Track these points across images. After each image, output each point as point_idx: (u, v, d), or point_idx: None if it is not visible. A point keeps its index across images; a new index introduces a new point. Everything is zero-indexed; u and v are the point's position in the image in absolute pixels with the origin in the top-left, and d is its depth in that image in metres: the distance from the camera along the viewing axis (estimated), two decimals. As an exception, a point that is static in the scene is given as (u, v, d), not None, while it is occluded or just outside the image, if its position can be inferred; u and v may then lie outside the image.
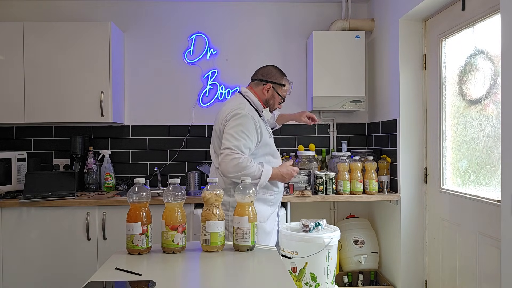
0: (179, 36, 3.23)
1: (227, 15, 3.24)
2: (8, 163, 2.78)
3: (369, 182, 2.77)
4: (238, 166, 1.89)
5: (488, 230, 2.00)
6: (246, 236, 1.46)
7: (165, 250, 1.44)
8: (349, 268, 2.92)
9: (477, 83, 2.16)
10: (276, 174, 2.03)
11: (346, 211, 3.26)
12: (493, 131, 2.00)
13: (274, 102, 2.16)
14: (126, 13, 3.20)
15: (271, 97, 2.14)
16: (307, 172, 2.73)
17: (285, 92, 2.19)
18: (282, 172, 2.05)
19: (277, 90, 2.15)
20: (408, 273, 2.68)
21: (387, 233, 2.91)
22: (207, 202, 1.47)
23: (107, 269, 1.27)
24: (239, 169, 1.89)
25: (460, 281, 2.27)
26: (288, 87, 2.20)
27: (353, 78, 2.99)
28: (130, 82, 3.22)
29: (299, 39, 3.28)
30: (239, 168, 1.89)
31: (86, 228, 2.58)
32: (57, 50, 2.83)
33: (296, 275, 2.24)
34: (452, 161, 2.41)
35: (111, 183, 2.98)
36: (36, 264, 2.58)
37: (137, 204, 1.42)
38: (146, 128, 3.22)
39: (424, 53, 2.65)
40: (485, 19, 2.06)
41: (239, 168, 1.89)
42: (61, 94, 2.84)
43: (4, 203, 2.53)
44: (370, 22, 3.12)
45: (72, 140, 2.97)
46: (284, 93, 2.19)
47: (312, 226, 2.19)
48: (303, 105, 3.28)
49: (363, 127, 3.34)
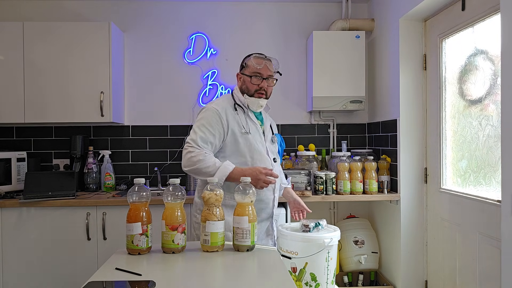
0: (179, 36, 3.22)
1: (227, 15, 3.24)
2: (8, 163, 2.78)
3: (369, 182, 2.77)
4: (190, 160, 1.78)
5: (488, 230, 2.00)
6: (246, 236, 1.46)
7: (165, 250, 1.44)
8: (349, 268, 2.92)
9: (477, 83, 2.15)
10: (238, 174, 1.74)
11: (346, 211, 3.26)
12: (493, 131, 2.00)
13: (247, 87, 1.93)
14: (126, 13, 3.20)
15: (243, 83, 1.95)
16: (307, 172, 2.73)
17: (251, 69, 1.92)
18: (246, 173, 1.74)
19: (244, 73, 1.95)
20: (408, 273, 2.68)
21: (387, 233, 2.91)
22: (207, 202, 1.47)
23: (107, 269, 1.27)
24: (191, 163, 1.78)
25: (460, 281, 2.27)
26: (251, 62, 1.92)
27: (353, 78, 2.99)
28: (130, 82, 3.21)
29: (299, 39, 3.28)
30: (191, 162, 1.78)
31: (86, 228, 2.58)
32: (57, 50, 2.83)
33: (296, 275, 2.24)
34: (452, 161, 2.41)
35: (111, 183, 2.98)
36: (36, 264, 2.58)
37: (137, 204, 1.42)
38: (146, 128, 3.22)
39: (424, 53, 2.65)
40: (485, 19, 2.06)
41: (191, 162, 1.78)
42: (61, 94, 2.84)
43: (4, 203, 2.53)
44: (370, 22, 3.12)
45: (72, 140, 2.97)
46: (251, 71, 1.91)
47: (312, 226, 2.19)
48: (303, 105, 3.28)
49: (363, 127, 3.33)
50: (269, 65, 1.94)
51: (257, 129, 1.95)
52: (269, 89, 1.96)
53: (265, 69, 1.92)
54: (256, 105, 1.94)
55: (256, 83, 1.92)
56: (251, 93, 1.93)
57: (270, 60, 1.96)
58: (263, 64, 1.91)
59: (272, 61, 1.96)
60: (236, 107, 1.94)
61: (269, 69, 1.93)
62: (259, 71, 1.91)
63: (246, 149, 1.88)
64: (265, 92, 1.94)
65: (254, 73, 1.91)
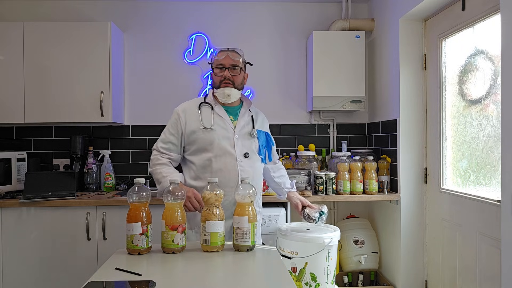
0: (179, 36, 3.23)
1: (227, 15, 3.24)
2: (8, 163, 2.78)
3: (369, 182, 2.77)
4: (151, 161, 1.94)
5: (488, 230, 2.00)
6: (246, 236, 1.46)
7: (165, 250, 1.44)
8: (349, 268, 2.92)
9: (477, 83, 2.15)
10: None
11: (346, 211, 3.26)
12: (493, 131, 2.00)
13: (213, 80, 1.96)
14: (126, 13, 3.20)
15: (211, 79, 1.99)
16: (307, 172, 2.73)
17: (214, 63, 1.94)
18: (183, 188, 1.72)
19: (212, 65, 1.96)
20: (408, 273, 2.68)
21: (387, 233, 2.91)
22: (207, 202, 1.47)
23: (107, 269, 1.27)
24: (151, 165, 1.93)
25: (460, 281, 2.26)
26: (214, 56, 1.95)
27: (353, 78, 2.99)
28: (130, 82, 3.22)
29: (299, 39, 3.28)
30: (151, 164, 1.94)
31: (86, 228, 2.58)
32: (57, 50, 2.83)
33: (296, 275, 2.24)
34: (452, 161, 2.41)
35: (111, 183, 2.98)
36: (36, 264, 2.58)
37: (137, 204, 1.42)
38: (146, 128, 3.22)
39: (424, 53, 2.65)
40: (485, 19, 2.06)
41: (151, 164, 1.94)
42: (61, 94, 2.84)
43: (4, 203, 2.53)
44: (370, 22, 3.12)
45: (72, 140, 2.97)
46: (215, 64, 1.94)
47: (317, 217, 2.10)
48: (303, 105, 3.28)
49: (363, 127, 3.33)
50: (232, 55, 1.92)
51: (224, 124, 1.92)
52: (235, 79, 1.92)
53: (226, 59, 1.91)
54: (222, 95, 1.92)
55: (219, 74, 1.92)
56: (217, 85, 1.93)
57: (235, 51, 1.95)
58: (225, 55, 1.92)
59: (237, 52, 1.95)
60: (201, 105, 1.95)
61: (231, 58, 1.91)
62: (221, 61, 1.91)
63: (208, 144, 1.87)
64: (232, 81, 1.91)
65: (217, 65, 1.92)
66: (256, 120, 2.04)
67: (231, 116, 1.97)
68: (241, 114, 1.99)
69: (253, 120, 2.02)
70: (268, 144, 2.09)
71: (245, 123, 1.98)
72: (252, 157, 1.95)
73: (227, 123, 1.93)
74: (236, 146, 1.90)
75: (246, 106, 2.03)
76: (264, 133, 2.07)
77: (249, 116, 2.02)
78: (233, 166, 1.87)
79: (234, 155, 1.88)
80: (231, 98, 1.93)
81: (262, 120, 2.10)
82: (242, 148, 1.92)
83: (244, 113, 2.00)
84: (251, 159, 1.94)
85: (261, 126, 2.07)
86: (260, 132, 2.03)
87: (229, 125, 1.93)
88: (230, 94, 1.91)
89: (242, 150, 1.91)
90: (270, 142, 2.12)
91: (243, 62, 1.97)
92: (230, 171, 1.86)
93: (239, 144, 1.91)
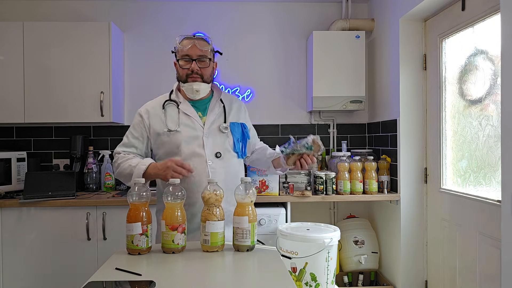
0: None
1: (227, 15, 3.24)
2: (8, 163, 2.78)
3: (369, 182, 2.77)
4: (114, 167, 1.77)
5: (488, 230, 2.00)
6: (246, 236, 1.46)
7: (165, 250, 1.44)
8: (349, 268, 2.92)
9: (477, 83, 2.15)
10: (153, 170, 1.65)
11: (346, 211, 3.26)
12: (493, 131, 2.00)
13: (178, 73, 1.77)
14: (126, 13, 3.20)
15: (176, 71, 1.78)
16: (307, 172, 2.73)
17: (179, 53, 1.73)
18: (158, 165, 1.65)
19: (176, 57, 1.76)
20: (408, 273, 2.68)
21: (387, 233, 2.91)
22: (207, 202, 1.47)
23: (107, 269, 1.27)
24: (115, 171, 1.76)
25: (460, 281, 2.26)
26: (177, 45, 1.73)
27: (353, 78, 2.99)
28: (130, 82, 3.22)
29: (299, 39, 3.28)
30: (115, 170, 1.76)
31: (86, 228, 2.58)
32: (57, 50, 2.84)
33: (296, 275, 2.24)
34: (452, 161, 2.41)
35: (111, 183, 2.98)
36: (36, 264, 2.58)
37: (137, 204, 1.42)
38: (146, 128, 3.21)
39: (424, 53, 2.65)
40: (485, 19, 2.06)
41: (115, 170, 1.76)
42: (61, 94, 2.84)
43: (4, 203, 2.53)
44: (370, 22, 3.12)
45: (72, 140, 2.97)
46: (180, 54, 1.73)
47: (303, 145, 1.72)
48: (303, 105, 3.28)
49: (363, 127, 3.33)
50: (199, 44, 1.70)
51: (192, 123, 1.75)
52: (204, 71, 1.72)
53: (193, 48, 1.70)
54: (190, 91, 1.73)
55: (185, 66, 1.71)
56: (184, 78, 1.73)
57: (202, 39, 1.73)
58: (191, 44, 1.69)
59: (206, 39, 1.74)
60: (166, 104, 1.77)
61: (199, 48, 1.70)
62: (187, 52, 1.70)
63: (175, 148, 1.72)
64: (200, 75, 1.72)
65: (182, 56, 1.71)
66: (230, 111, 1.84)
67: (199, 112, 1.78)
68: (211, 108, 1.79)
69: (225, 112, 1.81)
70: (244, 137, 1.85)
71: (215, 117, 1.78)
72: (226, 155, 1.76)
73: (195, 121, 1.75)
74: (206, 146, 1.72)
75: (216, 97, 1.83)
76: (239, 125, 1.84)
77: (221, 108, 1.81)
78: (203, 168, 1.70)
79: (204, 156, 1.72)
80: (200, 93, 1.75)
81: (237, 109, 1.88)
82: (213, 147, 1.74)
83: (214, 106, 1.80)
84: (224, 158, 1.75)
85: (237, 116, 1.86)
86: (234, 125, 1.81)
87: (198, 123, 1.75)
88: (199, 89, 1.73)
89: (213, 150, 1.73)
90: (246, 136, 1.86)
91: (211, 51, 1.75)
92: (200, 174, 1.69)
93: (210, 143, 1.74)
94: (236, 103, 1.89)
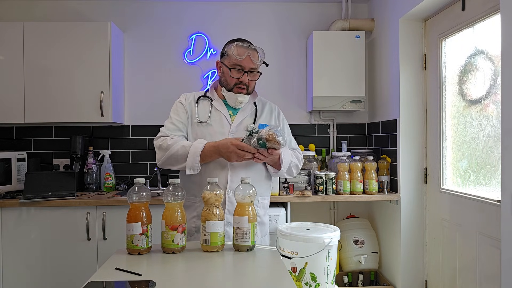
0: (179, 36, 3.23)
1: (227, 15, 3.24)
2: (8, 163, 2.78)
3: (369, 182, 2.77)
4: (159, 149, 1.70)
5: (488, 230, 2.00)
6: (246, 236, 1.46)
7: (165, 250, 1.44)
8: (349, 268, 2.92)
9: (477, 83, 2.16)
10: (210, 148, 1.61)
11: (346, 211, 3.26)
12: (493, 131, 2.00)
13: (225, 79, 1.75)
14: (126, 13, 3.20)
15: (222, 74, 1.77)
16: (307, 172, 2.73)
17: (231, 60, 1.70)
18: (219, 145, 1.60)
19: (224, 62, 1.74)
20: (408, 273, 2.68)
21: (387, 233, 2.91)
22: (207, 202, 1.47)
23: (107, 269, 1.27)
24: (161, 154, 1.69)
25: (460, 281, 2.27)
26: (232, 51, 1.69)
27: (353, 78, 2.99)
28: (130, 82, 3.22)
29: (299, 39, 3.28)
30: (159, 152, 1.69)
31: (86, 228, 2.58)
32: (57, 50, 2.84)
33: (296, 275, 2.24)
34: (452, 161, 2.41)
35: (111, 183, 2.98)
36: (36, 264, 2.58)
37: (137, 204, 1.42)
38: (146, 128, 3.22)
39: (424, 53, 2.65)
40: (485, 19, 2.06)
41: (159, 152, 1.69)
42: (61, 94, 2.84)
43: (4, 203, 2.53)
44: (370, 22, 3.12)
45: (72, 140, 2.98)
46: (232, 62, 1.70)
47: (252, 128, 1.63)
48: (303, 105, 3.28)
49: (363, 127, 3.34)
50: (253, 56, 1.70)
51: (220, 119, 1.76)
52: (251, 83, 1.75)
53: (247, 61, 1.69)
54: (234, 101, 1.75)
55: (236, 76, 1.70)
56: (230, 87, 1.73)
57: (255, 50, 1.71)
58: (245, 55, 1.68)
59: (258, 51, 1.72)
60: (200, 99, 1.80)
61: (252, 61, 1.69)
62: (240, 63, 1.68)
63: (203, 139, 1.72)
64: (246, 86, 1.72)
65: (234, 65, 1.69)
66: (261, 114, 1.84)
67: (230, 110, 1.80)
68: (242, 108, 1.80)
69: (256, 114, 1.82)
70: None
71: (244, 117, 1.80)
72: None
73: (224, 118, 1.77)
74: None
75: (251, 99, 1.84)
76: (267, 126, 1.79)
77: (252, 110, 1.83)
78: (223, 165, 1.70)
79: None
80: (242, 104, 1.78)
81: (269, 112, 1.88)
82: None
83: (246, 107, 1.81)
84: None
85: (268, 119, 1.85)
86: (262, 127, 1.74)
87: (226, 120, 1.77)
88: (243, 102, 1.76)
89: None
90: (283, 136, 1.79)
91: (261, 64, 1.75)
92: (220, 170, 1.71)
93: None
94: (268, 106, 1.90)
